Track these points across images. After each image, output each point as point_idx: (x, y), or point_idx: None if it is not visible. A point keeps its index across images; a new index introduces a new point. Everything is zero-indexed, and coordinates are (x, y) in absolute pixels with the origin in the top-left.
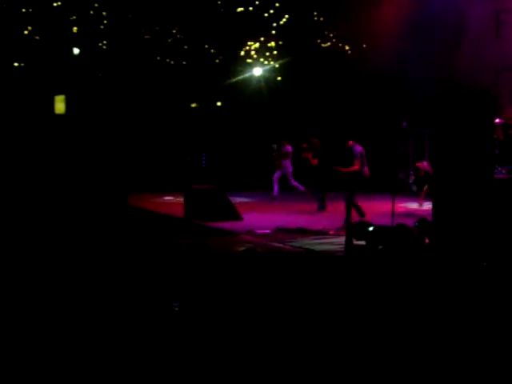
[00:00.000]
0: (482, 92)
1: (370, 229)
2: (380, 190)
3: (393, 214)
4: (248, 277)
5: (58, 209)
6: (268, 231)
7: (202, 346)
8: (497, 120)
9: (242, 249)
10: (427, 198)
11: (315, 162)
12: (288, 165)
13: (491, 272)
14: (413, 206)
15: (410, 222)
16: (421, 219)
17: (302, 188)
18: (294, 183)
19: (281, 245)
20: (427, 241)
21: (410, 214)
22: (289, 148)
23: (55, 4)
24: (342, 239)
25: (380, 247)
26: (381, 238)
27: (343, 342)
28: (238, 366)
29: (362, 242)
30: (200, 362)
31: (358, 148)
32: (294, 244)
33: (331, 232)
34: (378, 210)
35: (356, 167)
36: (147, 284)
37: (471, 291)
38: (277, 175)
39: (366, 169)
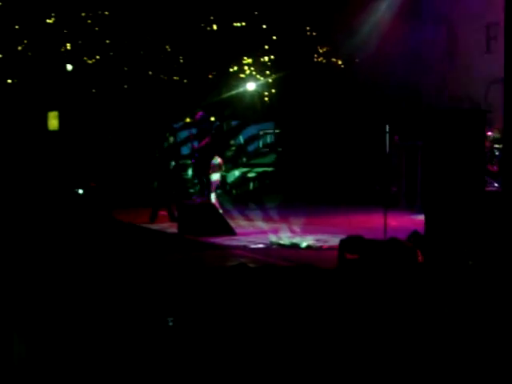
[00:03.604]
0: (473, 105)
1: (363, 243)
2: (373, 204)
3: (385, 227)
4: (239, 292)
5: (50, 222)
6: (261, 246)
7: (193, 360)
8: (489, 133)
9: (234, 264)
10: None
11: None
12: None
13: (484, 284)
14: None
15: (402, 236)
16: (413, 233)
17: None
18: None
19: (274, 260)
20: (420, 254)
21: (402, 227)
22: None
23: (48, 21)
24: (335, 253)
25: (373, 261)
26: (373, 252)
27: (335, 357)
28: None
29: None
30: (192, 377)
31: None
32: (287, 259)
33: (324, 246)
34: (370, 224)
35: None
36: (138, 299)
37: (465, 305)
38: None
39: None
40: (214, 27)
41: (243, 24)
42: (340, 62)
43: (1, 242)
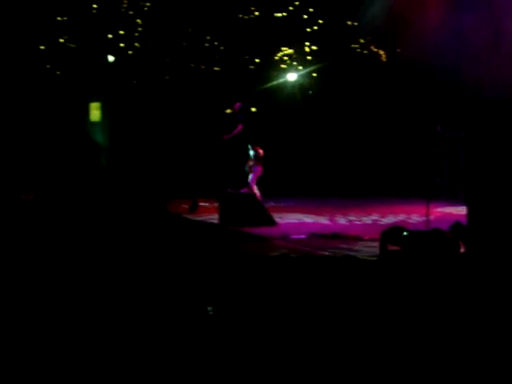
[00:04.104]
0: None
1: (405, 234)
2: (415, 194)
3: (427, 218)
4: (282, 282)
5: (93, 213)
6: (303, 237)
7: (234, 350)
8: None
9: (276, 254)
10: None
11: None
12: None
13: None
14: (449, 210)
15: (444, 227)
16: (455, 224)
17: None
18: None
19: (315, 250)
20: (462, 245)
21: (444, 218)
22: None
23: (90, 12)
24: (377, 244)
25: (415, 252)
26: (415, 243)
27: (376, 348)
28: (270, 371)
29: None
30: (231, 366)
31: None
32: (328, 249)
33: (366, 237)
34: (412, 214)
35: None
36: (182, 288)
37: (507, 297)
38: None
39: None
40: (256, 13)
41: (284, 14)
42: (382, 53)
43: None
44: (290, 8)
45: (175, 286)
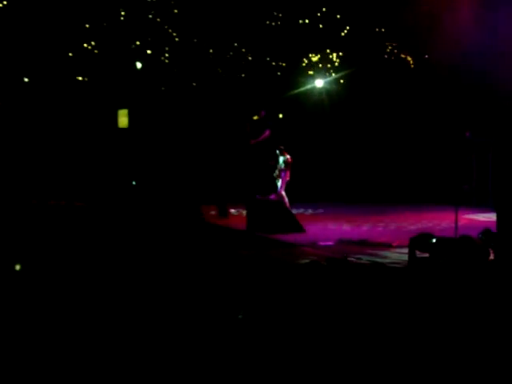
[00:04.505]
0: None
1: (434, 241)
2: (444, 201)
3: (456, 225)
4: (313, 289)
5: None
6: (331, 243)
7: (264, 355)
8: None
9: (305, 261)
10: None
11: None
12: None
13: None
14: (477, 217)
15: (473, 234)
16: (485, 230)
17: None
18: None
19: (344, 257)
20: (492, 252)
21: (473, 225)
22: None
23: (117, 19)
24: (405, 251)
25: (444, 259)
26: (444, 250)
27: (409, 355)
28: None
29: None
30: (259, 371)
31: None
32: (356, 256)
33: (394, 244)
34: (441, 221)
35: None
36: (212, 294)
37: None
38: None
39: None
40: (284, 19)
41: (309, 21)
42: (409, 59)
43: None
44: (318, 14)
45: (208, 291)
